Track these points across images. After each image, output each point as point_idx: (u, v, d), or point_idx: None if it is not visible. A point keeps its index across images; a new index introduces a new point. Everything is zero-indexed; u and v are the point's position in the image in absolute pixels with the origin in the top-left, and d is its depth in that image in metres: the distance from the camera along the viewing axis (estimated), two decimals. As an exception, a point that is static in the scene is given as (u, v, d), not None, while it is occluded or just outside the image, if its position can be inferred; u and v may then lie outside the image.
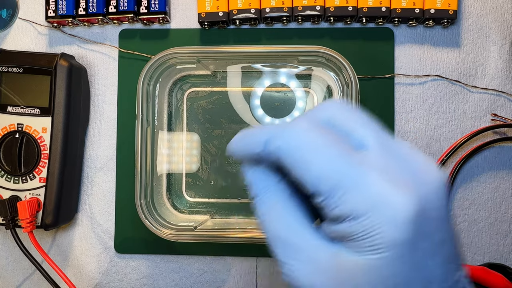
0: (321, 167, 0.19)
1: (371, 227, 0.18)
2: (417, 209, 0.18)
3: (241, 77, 0.42)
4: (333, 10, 0.40)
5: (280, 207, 0.21)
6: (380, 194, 0.18)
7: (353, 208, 0.18)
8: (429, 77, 0.42)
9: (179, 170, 0.43)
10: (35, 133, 0.39)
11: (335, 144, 0.20)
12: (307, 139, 0.20)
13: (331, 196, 0.19)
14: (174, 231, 0.38)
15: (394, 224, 0.18)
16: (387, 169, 0.19)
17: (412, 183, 0.19)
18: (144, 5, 0.41)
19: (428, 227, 0.18)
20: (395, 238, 0.18)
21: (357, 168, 0.19)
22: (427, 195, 0.19)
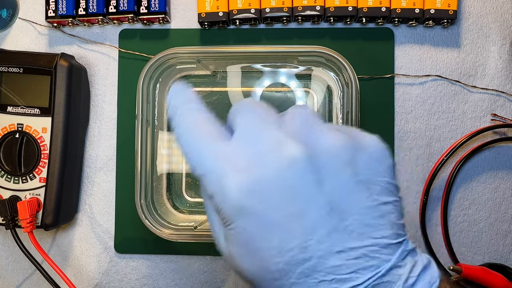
0: (194, 160, 0.23)
1: (217, 205, 0.22)
2: (247, 188, 0.21)
3: (241, 77, 0.42)
4: (333, 10, 0.40)
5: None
6: (221, 178, 0.21)
7: (209, 190, 0.22)
8: (429, 77, 0.42)
9: (179, 170, 0.43)
10: (35, 133, 0.39)
11: (208, 136, 0.23)
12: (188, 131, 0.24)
13: (201, 181, 0.23)
14: (174, 231, 0.38)
15: (227, 202, 0.21)
16: (238, 155, 0.22)
17: (252, 166, 0.21)
18: (144, 5, 0.41)
19: (269, 199, 0.21)
20: (232, 210, 0.21)
21: (212, 159, 0.22)
22: (262, 175, 0.21)
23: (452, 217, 0.41)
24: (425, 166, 0.42)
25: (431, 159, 0.42)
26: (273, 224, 0.21)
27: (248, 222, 0.21)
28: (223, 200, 0.21)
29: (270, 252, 0.21)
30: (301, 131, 0.23)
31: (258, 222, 0.21)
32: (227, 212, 0.21)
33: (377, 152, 0.23)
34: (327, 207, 0.21)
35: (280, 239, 0.20)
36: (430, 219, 0.41)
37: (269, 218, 0.21)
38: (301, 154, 0.21)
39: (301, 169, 0.21)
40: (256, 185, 0.21)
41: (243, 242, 0.21)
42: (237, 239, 0.22)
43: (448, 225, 0.41)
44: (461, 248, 0.41)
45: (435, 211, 0.41)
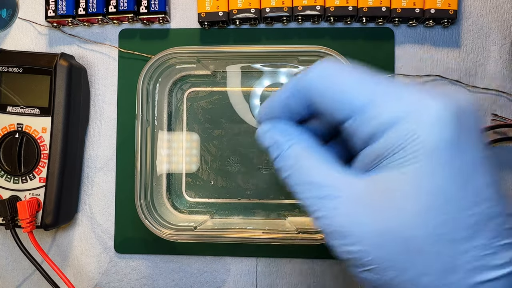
0: (352, 86, 0.19)
1: (409, 133, 0.17)
2: (454, 112, 0.17)
3: (241, 77, 0.42)
4: (333, 10, 0.40)
5: (307, 155, 0.21)
6: (416, 100, 0.17)
7: (389, 117, 0.17)
8: (429, 77, 0.42)
9: (179, 170, 0.43)
10: (35, 133, 0.39)
11: (364, 71, 0.19)
12: (335, 67, 0.20)
13: (365, 111, 0.18)
14: (174, 231, 0.38)
15: (432, 124, 0.17)
16: (420, 88, 0.18)
17: (446, 97, 0.18)
18: (144, 5, 0.41)
19: (470, 137, 0.17)
20: (435, 140, 0.17)
21: (390, 84, 0.18)
22: (462, 108, 0.18)
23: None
24: (425, 166, 0.42)
25: (431, 159, 0.42)
26: (474, 166, 0.17)
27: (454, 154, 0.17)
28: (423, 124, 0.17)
29: (469, 199, 0.17)
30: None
31: (462, 159, 0.17)
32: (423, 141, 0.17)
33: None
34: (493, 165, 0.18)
35: (477, 186, 0.17)
36: (430, 219, 0.41)
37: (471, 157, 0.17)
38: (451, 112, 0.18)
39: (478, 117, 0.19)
40: (461, 114, 0.17)
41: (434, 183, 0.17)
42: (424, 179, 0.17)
43: (448, 225, 0.41)
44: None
45: (435, 211, 0.41)
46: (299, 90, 0.21)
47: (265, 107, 0.23)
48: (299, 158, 0.21)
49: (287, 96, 0.21)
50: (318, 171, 0.20)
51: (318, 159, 0.20)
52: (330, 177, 0.19)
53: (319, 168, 0.20)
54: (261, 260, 0.42)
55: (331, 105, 0.19)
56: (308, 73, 0.20)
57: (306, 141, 0.21)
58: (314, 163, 0.20)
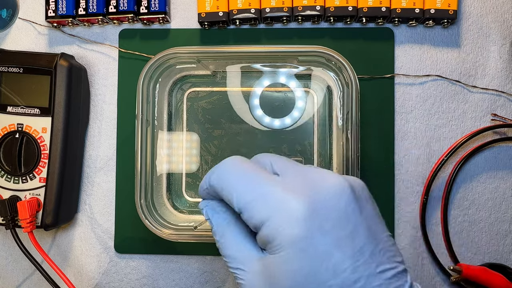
0: (238, 189, 0.25)
1: (274, 229, 0.23)
2: (309, 209, 0.22)
3: (241, 77, 0.42)
4: (333, 10, 0.40)
5: (227, 233, 0.27)
6: (279, 202, 0.23)
7: (261, 216, 0.23)
8: (429, 77, 0.42)
9: (179, 170, 0.43)
10: (35, 133, 0.39)
11: (252, 171, 0.25)
12: (230, 169, 0.26)
13: (246, 210, 0.24)
14: (174, 231, 0.38)
15: (289, 223, 0.22)
16: (290, 184, 0.24)
17: (308, 191, 0.23)
18: (144, 5, 0.41)
19: (325, 224, 0.22)
20: (292, 235, 0.22)
21: (265, 186, 0.24)
22: (321, 198, 0.23)
23: (452, 217, 0.41)
24: (425, 166, 0.42)
25: (431, 159, 0.42)
26: (329, 247, 0.22)
27: (307, 244, 0.22)
28: (283, 223, 0.22)
29: (326, 274, 0.22)
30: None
31: (317, 244, 0.22)
32: (286, 233, 0.22)
33: (367, 191, 0.26)
34: (367, 231, 0.23)
35: (336, 261, 0.22)
36: (430, 219, 0.41)
37: (326, 240, 0.22)
38: (348, 185, 0.24)
39: (349, 197, 0.23)
40: (317, 206, 0.22)
41: (295, 266, 0.22)
42: (288, 263, 0.22)
43: (448, 225, 0.41)
44: (461, 248, 0.41)
45: (435, 211, 0.41)
46: (211, 185, 0.27)
47: (200, 187, 0.29)
48: (222, 235, 0.27)
49: (206, 188, 0.28)
50: (233, 247, 0.26)
51: (234, 237, 0.27)
52: (240, 254, 0.26)
53: (234, 245, 0.26)
54: (261, 260, 0.42)
55: (227, 202, 0.26)
56: (213, 172, 0.27)
57: (228, 220, 0.28)
58: (231, 240, 0.27)
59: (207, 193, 0.28)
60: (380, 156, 0.42)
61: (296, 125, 0.42)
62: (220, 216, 0.28)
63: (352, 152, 0.36)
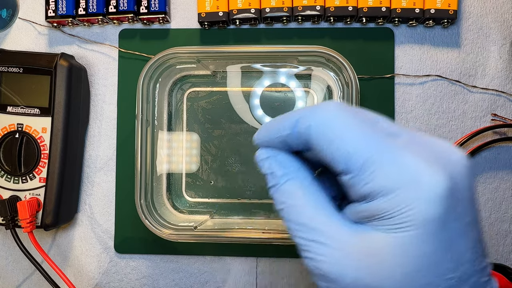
0: (353, 143, 0.19)
1: (403, 203, 0.18)
2: (450, 187, 0.18)
3: (241, 77, 0.42)
4: (333, 10, 0.40)
5: (301, 194, 0.21)
6: (413, 171, 0.18)
7: (385, 184, 0.18)
8: (429, 77, 0.42)
9: (179, 170, 0.43)
10: (35, 133, 0.39)
11: (366, 124, 0.20)
12: (337, 117, 0.20)
13: (362, 171, 0.19)
14: (174, 231, 0.38)
15: (426, 200, 0.18)
16: (420, 152, 0.19)
17: (442, 164, 0.19)
18: (144, 5, 0.41)
19: (458, 207, 0.18)
20: (427, 214, 0.18)
21: (389, 146, 0.19)
22: (456, 175, 0.19)
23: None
24: (425, 166, 0.42)
25: (431, 159, 0.42)
26: (458, 233, 0.19)
27: (439, 228, 0.18)
28: (418, 198, 0.18)
29: (448, 265, 0.19)
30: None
31: (449, 229, 0.18)
32: (421, 211, 0.18)
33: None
34: (479, 219, 0.20)
35: (460, 250, 0.19)
36: (430, 219, 0.41)
37: (456, 226, 0.19)
38: (470, 163, 0.20)
39: (472, 176, 0.20)
40: (454, 184, 0.19)
41: (419, 251, 0.18)
42: (411, 246, 0.18)
43: (448, 225, 0.41)
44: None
45: (435, 211, 0.41)
46: (299, 132, 0.21)
47: (264, 132, 0.23)
48: (293, 196, 0.21)
49: (287, 134, 0.21)
50: (309, 213, 0.20)
51: (311, 200, 0.21)
52: (320, 222, 0.20)
53: (311, 210, 0.21)
54: (261, 260, 0.42)
55: (330, 157, 0.20)
56: (310, 116, 0.20)
57: (302, 179, 0.22)
58: (307, 204, 0.21)
59: (283, 140, 0.22)
60: (380, 156, 0.41)
61: (296, 125, 0.42)
62: (290, 172, 0.22)
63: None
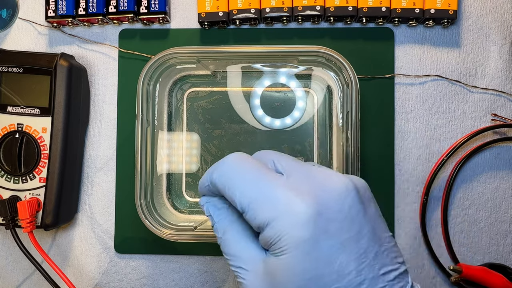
0: (241, 187, 0.24)
1: (279, 231, 0.22)
2: (314, 212, 0.22)
3: (241, 77, 0.42)
4: (333, 10, 0.40)
5: (229, 230, 0.26)
6: (284, 203, 0.22)
7: (265, 217, 0.23)
8: (429, 77, 0.42)
9: (179, 170, 0.43)
10: (35, 133, 0.39)
11: (256, 169, 0.25)
12: (233, 167, 0.25)
13: (249, 210, 0.23)
14: (174, 231, 0.38)
15: (295, 225, 0.22)
16: (295, 184, 0.23)
17: (313, 192, 0.23)
18: (144, 5, 0.41)
19: (330, 227, 0.22)
20: (297, 237, 0.22)
21: (269, 185, 0.23)
22: (326, 200, 0.22)
23: (452, 217, 0.41)
24: (425, 166, 0.42)
25: (431, 159, 0.42)
26: (335, 249, 0.22)
27: (312, 247, 0.22)
28: (289, 224, 0.22)
29: (330, 277, 0.22)
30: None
31: (322, 246, 0.22)
32: (292, 236, 0.22)
33: (370, 192, 0.26)
34: (371, 233, 0.23)
35: (340, 264, 0.22)
36: (430, 219, 0.41)
37: (331, 243, 0.22)
38: (353, 186, 0.23)
39: (354, 198, 0.23)
40: (323, 208, 0.22)
41: (299, 269, 0.22)
42: (292, 265, 0.22)
43: (448, 225, 0.41)
44: (461, 248, 0.41)
45: (435, 211, 0.41)
46: (212, 183, 0.26)
47: (200, 184, 0.28)
48: (224, 232, 0.27)
49: (207, 185, 0.27)
50: (235, 245, 0.26)
51: (236, 235, 0.26)
52: (242, 252, 0.25)
53: (236, 243, 0.26)
54: (261, 260, 0.42)
55: (230, 200, 0.25)
56: (216, 169, 0.26)
57: (230, 217, 0.27)
58: (233, 238, 0.26)
59: (208, 189, 0.28)
60: (380, 156, 0.42)
61: (296, 125, 0.42)
62: (222, 213, 0.27)
63: (352, 152, 0.36)
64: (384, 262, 0.22)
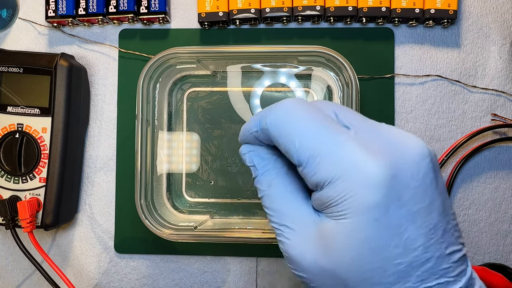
0: (301, 137, 0.21)
1: (344, 192, 0.19)
2: (389, 175, 0.19)
3: (241, 77, 0.42)
4: (333, 10, 0.40)
5: (276, 183, 0.24)
6: (353, 160, 0.19)
7: (328, 174, 0.20)
8: (429, 77, 0.42)
9: (179, 170, 0.43)
10: (35, 133, 0.39)
11: (317, 118, 0.21)
12: (291, 114, 0.22)
13: (309, 163, 0.20)
14: (174, 231, 0.38)
15: (364, 188, 0.19)
16: (365, 140, 0.20)
17: (388, 152, 0.20)
18: (144, 5, 0.41)
19: (403, 194, 0.19)
20: (366, 201, 0.19)
21: (334, 138, 0.20)
22: (401, 163, 0.20)
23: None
24: (425, 166, 0.42)
25: (431, 159, 0.42)
26: (405, 220, 0.19)
27: (381, 214, 0.19)
28: (359, 184, 0.19)
29: (395, 250, 0.19)
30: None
31: (392, 215, 0.19)
32: (360, 198, 0.19)
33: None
34: (441, 207, 0.20)
35: (408, 237, 0.19)
36: (430, 219, 0.41)
37: (402, 213, 0.19)
38: (428, 151, 0.21)
39: (429, 165, 0.20)
40: (398, 172, 0.19)
41: (362, 237, 0.19)
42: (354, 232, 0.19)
43: (448, 225, 0.41)
44: (461, 248, 0.41)
45: (435, 211, 0.41)
46: (262, 129, 0.23)
47: (242, 131, 0.26)
48: (270, 185, 0.24)
49: (256, 131, 0.24)
50: (282, 201, 0.23)
51: (284, 190, 0.23)
52: (290, 210, 0.23)
53: (283, 198, 0.23)
54: (261, 260, 0.42)
55: (285, 150, 0.22)
56: (269, 113, 0.23)
57: (278, 169, 0.24)
58: (280, 192, 0.23)
59: (254, 137, 0.24)
60: (380, 156, 0.41)
61: (296, 125, 0.42)
62: (268, 164, 0.24)
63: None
64: (450, 241, 0.20)
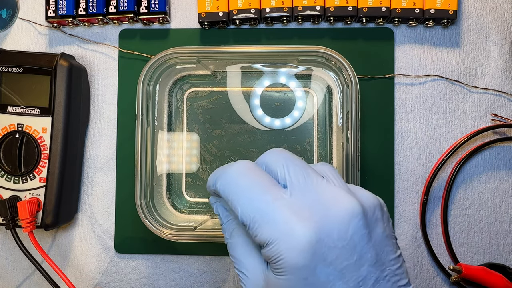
0: (242, 206, 0.24)
1: (279, 253, 0.22)
2: (314, 239, 0.22)
3: (241, 77, 0.42)
4: (333, 10, 0.40)
5: (236, 234, 0.27)
6: (284, 226, 0.22)
7: (266, 237, 0.23)
8: (429, 77, 0.42)
9: (179, 170, 0.43)
10: (35, 133, 0.39)
11: (259, 185, 0.24)
12: (236, 181, 0.25)
13: (251, 227, 0.23)
14: (174, 231, 0.38)
15: (294, 251, 0.22)
16: (297, 205, 0.23)
17: (316, 215, 0.22)
18: (144, 5, 0.41)
19: (328, 255, 0.22)
20: (295, 263, 0.22)
21: (271, 205, 0.23)
22: (328, 226, 0.22)
23: (452, 217, 0.41)
24: (425, 166, 0.42)
25: (431, 159, 0.42)
26: (332, 277, 0.22)
27: (309, 273, 0.22)
28: (288, 249, 0.22)
29: None
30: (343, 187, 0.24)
31: (319, 274, 0.22)
32: (289, 261, 0.22)
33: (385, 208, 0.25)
34: (373, 258, 0.22)
35: None
36: (430, 219, 0.41)
37: (329, 271, 0.22)
38: (359, 209, 0.23)
39: (358, 223, 0.22)
40: (323, 235, 0.22)
41: None
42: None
43: (448, 225, 0.41)
44: (461, 248, 0.41)
45: (435, 211, 0.41)
46: (216, 189, 0.26)
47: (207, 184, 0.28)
48: (231, 235, 0.27)
49: (213, 190, 0.27)
50: (240, 250, 0.26)
51: (242, 240, 0.26)
52: (246, 259, 0.26)
53: (241, 248, 0.26)
54: (261, 260, 0.42)
55: (234, 212, 0.25)
56: (219, 177, 0.26)
57: (237, 221, 0.27)
58: (239, 242, 0.27)
59: (214, 193, 0.28)
60: (380, 156, 0.42)
61: (296, 125, 0.42)
62: (230, 215, 0.28)
63: (352, 152, 0.36)
64: (386, 287, 0.22)
